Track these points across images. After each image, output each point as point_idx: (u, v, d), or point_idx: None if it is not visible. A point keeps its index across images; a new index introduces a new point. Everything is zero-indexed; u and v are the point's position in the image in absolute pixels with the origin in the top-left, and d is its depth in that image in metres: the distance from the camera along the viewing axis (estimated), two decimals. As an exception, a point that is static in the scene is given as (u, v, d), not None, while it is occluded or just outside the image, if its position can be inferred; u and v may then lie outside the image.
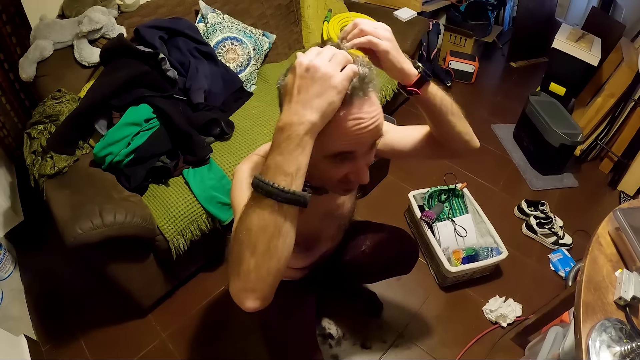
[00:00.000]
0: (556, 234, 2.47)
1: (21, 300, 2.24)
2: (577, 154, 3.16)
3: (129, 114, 1.96)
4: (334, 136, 0.87)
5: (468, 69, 3.98)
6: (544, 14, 4.32)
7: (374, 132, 0.90)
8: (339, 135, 0.87)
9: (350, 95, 0.83)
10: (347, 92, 0.81)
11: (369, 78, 0.87)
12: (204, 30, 2.52)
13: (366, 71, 0.87)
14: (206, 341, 2.05)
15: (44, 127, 1.98)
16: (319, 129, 0.78)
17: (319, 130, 0.78)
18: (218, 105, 2.35)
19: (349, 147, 0.90)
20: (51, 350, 2.04)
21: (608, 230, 1.34)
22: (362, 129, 0.87)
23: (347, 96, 0.82)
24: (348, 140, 0.88)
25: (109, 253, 1.77)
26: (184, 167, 2.01)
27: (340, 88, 0.75)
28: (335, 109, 0.78)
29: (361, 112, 0.86)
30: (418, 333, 2.08)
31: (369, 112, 0.87)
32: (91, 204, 1.65)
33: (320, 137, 0.82)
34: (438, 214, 2.39)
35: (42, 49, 2.10)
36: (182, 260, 1.96)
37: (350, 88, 0.81)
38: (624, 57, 3.01)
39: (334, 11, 3.23)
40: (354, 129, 0.87)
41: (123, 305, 2.11)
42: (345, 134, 0.87)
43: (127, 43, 2.10)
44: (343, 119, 0.85)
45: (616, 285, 1.15)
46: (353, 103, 0.85)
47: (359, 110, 0.86)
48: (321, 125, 0.78)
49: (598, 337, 1.01)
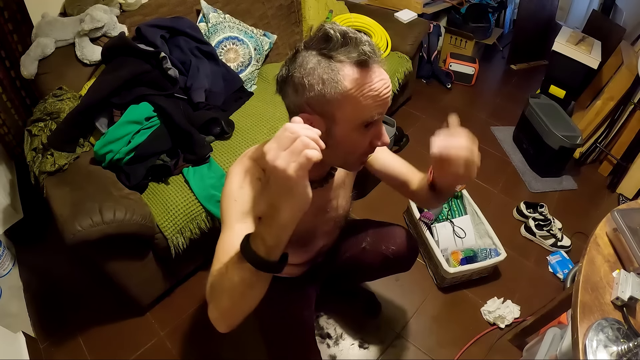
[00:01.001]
0: (555, 236, 2.47)
1: (20, 297, 2.24)
2: (576, 157, 3.16)
3: (129, 112, 1.96)
4: (368, 100, 0.94)
5: (468, 71, 3.99)
6: (545, 17, 4.33)
7: (390, 93, 0.99)
8: (372, 98, 0.94)
9: (369, 61, 0.92)
10: (366, 59, 0.91)
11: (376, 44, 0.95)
12: (205, 30, 2.53)
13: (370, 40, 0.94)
14: (204, 340, 2.05)
15: (45, 125, 1.98)
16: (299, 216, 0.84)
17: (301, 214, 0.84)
18: (218, 105, 2.35)
19: (378, 109, 0.97)
20: (49, 347, 2.04)
21: (606, 231, 1.34)
22: (386, 88, 0.96)
23: (368, 63, 0.92)
24: (377, 102, 0.95)
25: (108, 251, 1.77)
26: (184, 165, 2.01)
27: (295, 178, 0.77)
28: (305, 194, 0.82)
29: (382, 74, 0.96)
30: (416, 333, 2.08)
31: (385, 73, 0.98)
32: (91, 202, 1.66)
33: (352, 107, 0.94)
34: (437, 215, 2.40)
35: (44, 47, 2.10)
36: (181, 258, 1.96)
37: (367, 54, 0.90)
38: (623, 60, 3.01)
39: (335, 12, 3.24)
40: (382, 89, 0.95)
41: (121, 303, 2.11)
42: (376, 95, 0.94)
43: (128, 41, 2.10)
44: (372, 82, 0.93)
45: (613, 286, 1.16)
46: (374, 68, 0.94)
47: (380, 72, 0.95)
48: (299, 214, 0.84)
49: (595, 336, 1.01)
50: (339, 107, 0.94)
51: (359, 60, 0.91)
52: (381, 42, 3.11)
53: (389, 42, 3.15)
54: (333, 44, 0.91)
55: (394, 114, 3.47)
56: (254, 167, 1.11)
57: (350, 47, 0.91)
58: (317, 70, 0.93)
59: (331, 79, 0.91)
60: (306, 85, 0.94)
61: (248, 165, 1.11)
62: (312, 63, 0.93)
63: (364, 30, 3.21)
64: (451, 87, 3.99)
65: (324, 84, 0.92)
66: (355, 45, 0.91)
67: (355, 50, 0.90)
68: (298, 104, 0.98)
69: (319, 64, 0.93)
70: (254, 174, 1.10)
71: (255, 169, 1.11)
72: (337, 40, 0.91)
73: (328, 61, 0.92)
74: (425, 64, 4.01)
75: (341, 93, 0.92)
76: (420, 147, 3.19)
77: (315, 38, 0.94)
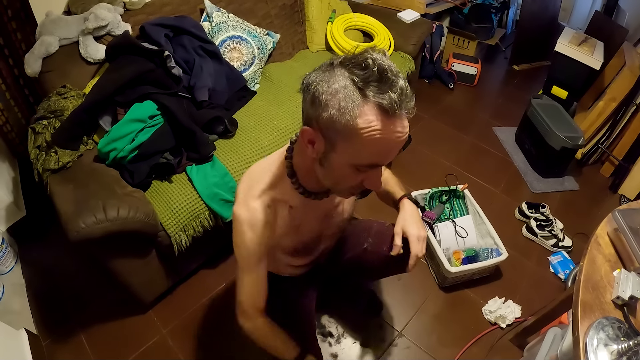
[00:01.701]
0: (556, 237, 2.47)
1: (22, 294, 2.25)
2: (578, 158, 3.17)
3: (133, 110, 1.97)
4: (372, 148, 0.90)
5: (471, 72, 3.99)
6: (547, 18, 4.33)
7: (402, 144, 0.94)
8: (378, 147, 0.90)
9: (393, 111, 0.85)
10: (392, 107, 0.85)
11: (412, 96, 0.89)
12: (209, 29, 2.54)
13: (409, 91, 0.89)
14: (207, 337, 2.06)
15: (49, 123, 1.98)
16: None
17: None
18: (222, 104, 2.35)
19: (382, 159, 0.95)
20: (51, 344, 2.04)
21: (607, 231, 1.35)
22: (399, 143, 0.92)
23: (391, 113, 0.85)
24: (383, 151, 0.92)
25: (111, 248, 1.78)
26: (187, 164, 2.02)
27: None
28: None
29: (402, 127, 0.90)
30: (417, 333, 2.09)
31: (406, 126, 0.92)
32: (95, 199, 1.66)
33: (355, 146, 0.90)
34: (439, 215, 2.40)
35: (48, 45, 2.11)
36: (183, 256, 1.97)
37: (395, 102, 0.84)
38: (626, 61, 3.01)
39: (338, 12, 3.24)
40: (395, 142, 0.91)
41: (124, 300, 2.12)
42: (384, 146, 0.90)
43: (132, 40, 2.11)
44: (387, 133, 0.88)
45: (614, 285, 1.16)
46: (397, 120, 0.88)
47: (402, 124, 0.90)
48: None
49: (595, 335, 1.02)
50: (344, 140, 0.90)
51: (384, 106, 0.85)
52: (384, 42, 3.12)
53: (392, 42, 3.15)
54: (367, 76, 0.85)
55: (396, 114, 3.47)
56: (262, 212, 1.14)
57: (383, 88, 0.85)
58: (339, 94, 0.87)
59: (348, 109, 0.86)
60: (323, 103, 0.89)
61: (255, 211, 1.13)
62: (339, 85, 0.87)
63: (366, 30, 3.22)
64: (453, 87, 3.99)
65: (340, 111, 0.87)
66: (388, 88, 0.85)
67: (386, 93, 0.84)
68: (309, 115, 0.95)
69: (344, 89, 0.87)
70: (262, 219, 1.14)
71: (263, 214, 1.14)
72: (372, 74, 0.85)
73: (354, 90, 0.86)
74: (427, 64, 4.01)
75: (351, 128, 0.87)
76: (422, 147, 3.20)
77: (354, 60, 0.89)
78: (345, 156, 0.93)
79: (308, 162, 1.07)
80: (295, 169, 1.15)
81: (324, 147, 0.95)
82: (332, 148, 0.94)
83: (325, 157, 0.97)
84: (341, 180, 1.01)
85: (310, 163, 1.06)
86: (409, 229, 1.36)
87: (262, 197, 1.14)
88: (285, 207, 1.20)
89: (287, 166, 1.15)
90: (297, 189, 1.17)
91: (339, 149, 0.93)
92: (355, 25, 3.22)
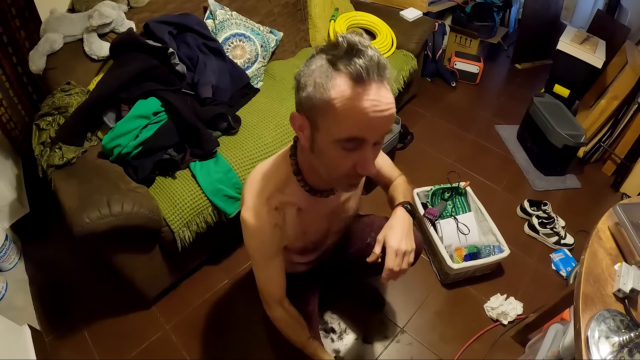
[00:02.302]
0: (558, 234, 2.48)
1: (25, 290, 2.26)
2: (580, 156, 3.17)
3: (137, 107, 1.98)
4: (349, 118, 0.90)
5: (473, 70, 3.99)
6: (550, 16, 4.33)
7: (387, 120, 0.93)
8: (354, 117, 0.90)
9: (367, 76, 0.87)
10: (361, 74, 0.86)
11: (385, 65, 0.90)
12: (213, 27, 2.55)
13: (383, 60, 0.90)
14: (210, 333, 2.06)
15: (53, 119, 2.00)
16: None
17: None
18: (225, 101, 2.36)
19: (361, 131, 0.93)
20: (54, 340, 2.05)
21: (608, 225, 1.36)
22: (377, 112, 0.90)
23: (364, 77, 0.87)
24: (361, 123, 0.91)
25: (115, 243, 1.79)
26: (190, 160, 2.03)
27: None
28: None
29: (378, 96, 0.90)
30: (419, 329, 2.10)
31: (386, 97, 0.92)
32: (99, 194, 1.67)
33: (333, 120, 0.89)
34: (441, 212, 2.41)
35: (52, 42, 2.12)
36: (187, 252, 1.98)
37: (364, 68, 0.86)
38: (628, 59, 3.01)
39: (341, 10, 3.25)
40: (370, 111, 0.89)
41: (127, 296, 2.14)
42: (360, 115, 0.89)
43: (136, 37, 2.12)
44: (359, 99, 0.88)
45: (615, 278, 1.17)
46: (371, 85, 0.89)
47: (376, 93, 0.89)
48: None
49: (597, 327, 1.03)
50: (322, 115, 0.92)
51: (354, 74, 0.87)
52: (386, 41, 3.13)
53: (394, 40, 3.16)
54: (339, 52, 0.89)
55: (399, 112, 3.47)
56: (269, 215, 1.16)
57: (352, 58, 0.87)
58: (315, 72, 0.92)
59: (322, 84, 0.90)
60: (303, 84, 0.94)
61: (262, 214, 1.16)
62: (316, 65, 0.92)
63: (369, 28, 3.23)
64: (456, 85, 4.00)
65: (315, 87, 0.91)
66: (356, 57, 0.87)
67: (355, 62, 0.87)
68: (296, 101, 0.99)
69: (320, 68, 0.91)
70: (270, 222, 1.17)
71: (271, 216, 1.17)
72: (342, 48, 0.88)
73: (328, 67, 0.90)
74: (430, 62, 4.02)
75: (325, 101, 0.90)
76: (424, 145, 3.21)
77: (329, 43, 0.93)
78: (327, 134, 0.94)
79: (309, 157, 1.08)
80: (300, 166, 1.16)
81: (309, 128, 0.98)
82: (316, 128, 0.96)
83: (314, 141, 0.99)
84: (333, 166, 1.01)
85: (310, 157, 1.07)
86: (390, 240, 1.23)
87: (270, 201, 1.16)
88: (293, 209, 1.21)
89: (292, 164, 1.17)
90: (304, 187, 1.18)
91: (321, 127, 0.94)
92: (358, 24, 3.23)
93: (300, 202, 1.21)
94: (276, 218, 1.17)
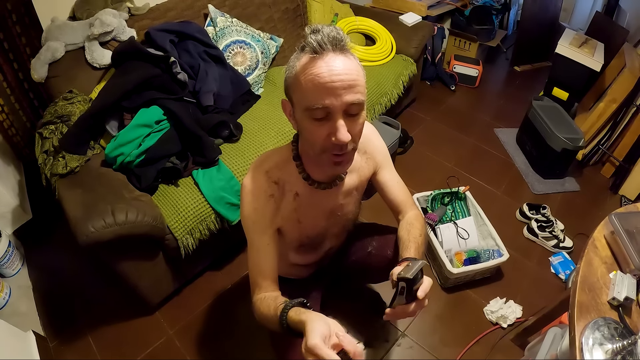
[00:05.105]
0: (557, 237, 2.49)
1: (29, 296, 2.27)
2: (579, 159, 3.18)
3: (140, 115, 2.00)
4: (309, 84, 0.99)
5: (472, 73, 4.00)
6: (548, 19, 4.34)
7: (347, 86, 0.99)
8: (313, 83, 0.98)
9: (320, 48, 0.98)
10: (314, 46, 0.98)
11: (340, 37, 0.99)
12: (213, 34, 2.56)
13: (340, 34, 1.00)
14: (213, 338, 2.08)
15: (56, 127, 2.01)
16: None
17: None
18: (227, 108, 2.38)
19: (322, 97, 0.99)
20: (59, 346, 2.07)
21: (603, 234, 1.38)
22: (333, 77, 0.97)
23: (318, 49, 0.98)
24: (321, 89, 0.98)
25: (120, 251, 1.80)
26: (193, 168, 2.05)
27: None
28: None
29: (333, 63, 0.98)
30: (420, 333, 2.11)
31: (342, 64, 0.99)
32: (103, 203, 1.69)
33: (299, 91, 1.03)
34: (441, 217, 2.42)
35: (54, 51, 2.14)
36: (190, 259, 2.00)
37: (316, 41, 0.97)
38: (626, 62, 3.02)
39: (341, 15, 3.27)
40: (325, 75, 0.97)
41: (130, 302, 2.15)
42: (317, 81, 0.98)
43: (138, 46, 2.14)
44: (316, 67, 0.98)
45: (610, 287, 1.19)
46: (327, 55, 0.99)
47: (331, 60, 0.98)
48: None
49: (591, 334, 1.05)
50: (294, 90, 1.05)
51: (312, 49, 0.98)
52: (386, 45, 3.14)
53: (394, 45, 3.18)
54: (305, 36, 1.01)
55: (399, 116, 3.50)
56: (266, 183, 1.22)
57: (312, 37, 0.98)
58: (291, 57, 1.07)
59: (293, 65, 1.04)
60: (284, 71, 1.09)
61: (260, 182, 1.22)
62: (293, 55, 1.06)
63: (369, 33, 3.24)
64: (455, 89, 4.01)
65: (288, 68, 1.06)
66: (314, 35, 0.99)
67: (311, 38, 0.98)
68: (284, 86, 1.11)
69: (294, 54, 1.06)
70: (266, 191, 1.22)
71: (268, 185, 1.23)
72: (307, 32, 1.01)
73: (298, 51, 1.04)
74: (429, 66, 4.03)
75: (295, 77, 1.03)
76: (424, 149, 3.23)
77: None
78: (299, 106, 1.05)
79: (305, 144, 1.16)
80: (300, 153, 1.23)
81: (290, 107, 1.11)
82: (293, 104, 1.09)
83: (295, 120, 1.11)
84: (311, 140, 1.07)
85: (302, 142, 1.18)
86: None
87: (270, 173, 1.23)
88: (291, 191, 1.26)
89: (292, 149, 1.24)
90: (301, 174, 1.24)
91: (295, 102, 1.07)
92: (358, 29, 3.25)
93: (297, 185, 1.26)
94: (273, 189, 1.24)
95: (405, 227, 1.40)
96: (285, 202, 1.27)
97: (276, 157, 1.26)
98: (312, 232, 1.40)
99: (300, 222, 1.33)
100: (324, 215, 1.38)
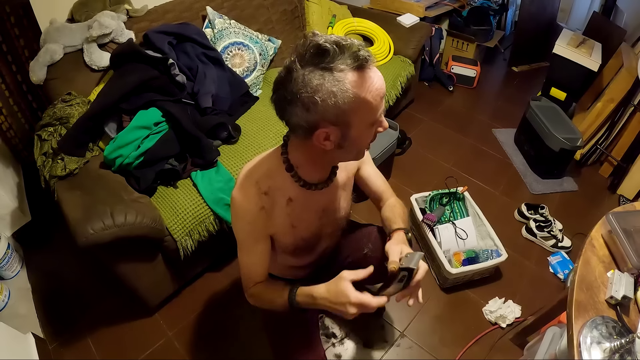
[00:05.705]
0: (555, 237, 2.50)
1: (28, 298, 2.27)
2: (577, 158, 3.19)
3: (138, 117, 2.00)
4: (372, 99, 1.01)
5: (470, 74, 4.01)
6: (546, 19, 4.35)
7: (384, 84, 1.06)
8: (375, 95, 1.01)
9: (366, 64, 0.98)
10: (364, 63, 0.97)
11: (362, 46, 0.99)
12: (211, 36, 2.57)
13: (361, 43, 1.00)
14: (212, 339, 2.08)
15: (55, 130, 2.01)
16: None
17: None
18: (225, 110, 2.38)
19: (380, 107, 1.05)
20: (58, 348, 2.07)
21: (601, 233, 1.38)
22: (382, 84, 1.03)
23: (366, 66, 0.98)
24: (379, 97, 1.03)
25: (119, 253, 1.80)
26: (192, 169, 2.05)
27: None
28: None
29: (377, 71, 1.02)
30: (419, 333, 2.12)
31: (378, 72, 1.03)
32: (102, 205, 1.69)
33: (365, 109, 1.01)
34: (439, 217, 2.42)
35: (53, 53, 2.14)
36: (189, 260, 2.00)
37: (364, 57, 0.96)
38: (624, 62, 3.03)
39: (338, 17, 3.27)
40: (383, 85, 1.03)
41: (130, 304, 2.16)
42: (380, 94, 1.03)
43: (137, 48, 2.14)
44: (368, 86, 0.99)
45: (608, 285, 1.20)
46: (371, 68, 1.00)
47: (375, 70, 1.02)
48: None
49: (589, 333, 1.05)
50: (355, 113, 1.00)
51: (359, 66, 0.96)
52: (384, 47, 3.15)
53: (392, 46, 3.18)
54: (331, 56, 0.94)
55: (397, 117, 3.50)
56: (257, 196, 1.22)
57: (347, 55, 0.95)
58: (324, 85, 0.95)
59: (340, 89, 0.95)
60: (318, 102, 0.96)
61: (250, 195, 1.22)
62: (317, 79, 0.95)
63: (366, 34, 3.25)
64: (453, 89, 4.02)
65: (336, 96, 0.95)
66: (350, 52, 0.95)
67: (351, 56, 0.95)
68: (312, 120, 1.00)
69: (323, 79, 0.95)
70: (257, 203, 1.22)
71: (258, 197, 1.22)
72: (334, 52, 0.94)
73: (331, 74, 0.95)
74: (427, 66, 4.04)
75: (353, 99, 0.97)
76: (422, 150, 3.24)
77: (307, 54, 0.96)
78: (362, 123, 1.04)
79: (313, 155, 1.15)
80: (293, 163, 1.21)
81: (340, 132, 1.04)
82: (348, 127, 1.03)
83: (344, 139, 1.06)
84: (364, 144, 1.14)
85: (316, 155, 1.15)
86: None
87: (260, 184, 1.21)
88: (283, 197, 1.25)
89: (284, 162, 1.22)
90: (297, 182, 1.23)
91: (355, 122, 1.03)
92: (355, 30, 3.25)
93: (290, 191, 1.25)
94: (264, 201, 1.22)
95: (389, 209, 1.51)
96: (277, 210, 1.26)
97: (265, 165, 1.25)
98: (306, 234, 1.40)
99: (294, 226, 1.33)
100: (317, 215, 1.38)
